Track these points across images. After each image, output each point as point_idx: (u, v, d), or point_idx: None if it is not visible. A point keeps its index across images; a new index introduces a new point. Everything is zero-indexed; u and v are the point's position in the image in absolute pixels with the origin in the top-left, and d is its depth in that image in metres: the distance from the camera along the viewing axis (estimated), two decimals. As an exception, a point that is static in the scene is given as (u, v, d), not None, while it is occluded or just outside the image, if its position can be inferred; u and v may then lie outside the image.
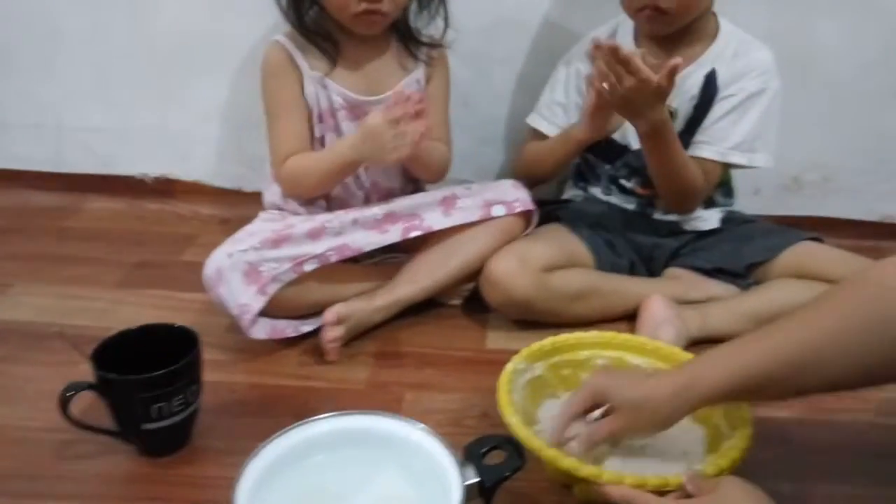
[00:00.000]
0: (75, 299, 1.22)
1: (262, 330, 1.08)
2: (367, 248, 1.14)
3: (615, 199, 1.27)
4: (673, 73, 1.00)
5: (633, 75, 1.00)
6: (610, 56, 1.00)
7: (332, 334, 1.07)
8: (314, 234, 1.12)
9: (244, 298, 1.06)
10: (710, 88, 1.18)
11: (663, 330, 1.08)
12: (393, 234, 1.15)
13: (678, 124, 1.18)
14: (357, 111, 1.19)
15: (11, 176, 1.62)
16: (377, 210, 1.16)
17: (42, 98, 1.58)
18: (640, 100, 1.03)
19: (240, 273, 1.06)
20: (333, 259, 1.11)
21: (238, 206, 1.48)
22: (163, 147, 1.60)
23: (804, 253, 1.17)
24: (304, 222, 1.14)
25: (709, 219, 1.25)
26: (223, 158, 1.59)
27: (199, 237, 1.44)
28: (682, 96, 1.18)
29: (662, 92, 1.02)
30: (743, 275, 1.20)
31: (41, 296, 1.23)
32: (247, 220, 1.21)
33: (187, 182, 1.61)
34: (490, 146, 1.52)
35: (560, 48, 1.31)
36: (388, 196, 1.23)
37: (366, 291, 1.16)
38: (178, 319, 0.93)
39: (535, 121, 1.29)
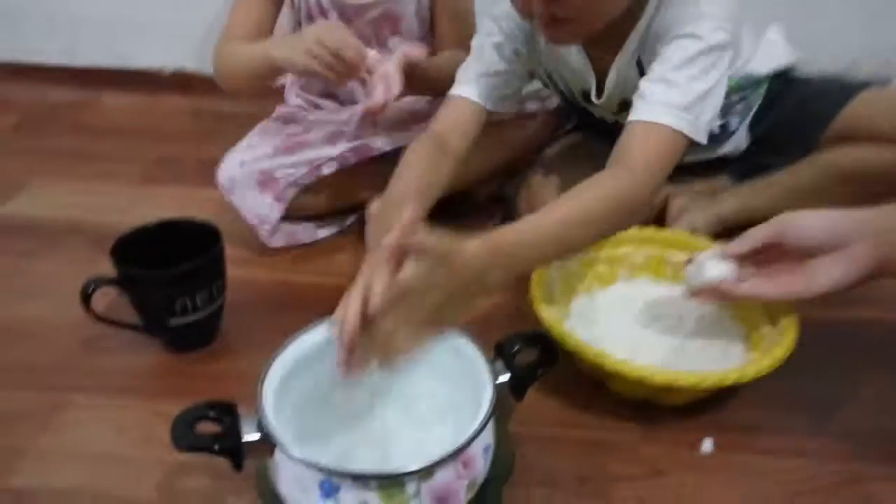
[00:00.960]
0: (95, 196, 1.20)
1: (281, 238, 1.05)
2: (389, 148, 1.07)
3: None
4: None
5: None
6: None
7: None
8: (331, 139, 1.07)
9: (261, 209, 1.02)
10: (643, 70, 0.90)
11: (686, 218, 1.03)
12: (418, 132, 1.08)
13: None
14: (345, 16, 1.10)
15: (26, 70, 1.58)
16: (401, 112, 1.09)
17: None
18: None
19: (254, 182, 1.02)
20: (352, 160, 1.06)
21: (259, 100, 1.42)
22: (179, 40, 1.54)
23: (858, 111, 0.99)
24: (319, 128, 1.09)
25: (736, 143, 1.08)
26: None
27: (219, 133, 1.39)
28: (629, 92, 0.87)
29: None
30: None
31: (60, 192, 1.21)
32: (269, 116, 1.16)
33: (205, 76, 1.54)
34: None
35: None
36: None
37: None
38: (201, 216, 0.89)
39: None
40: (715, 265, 0.74)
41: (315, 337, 0.70)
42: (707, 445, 0.74)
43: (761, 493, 0.70)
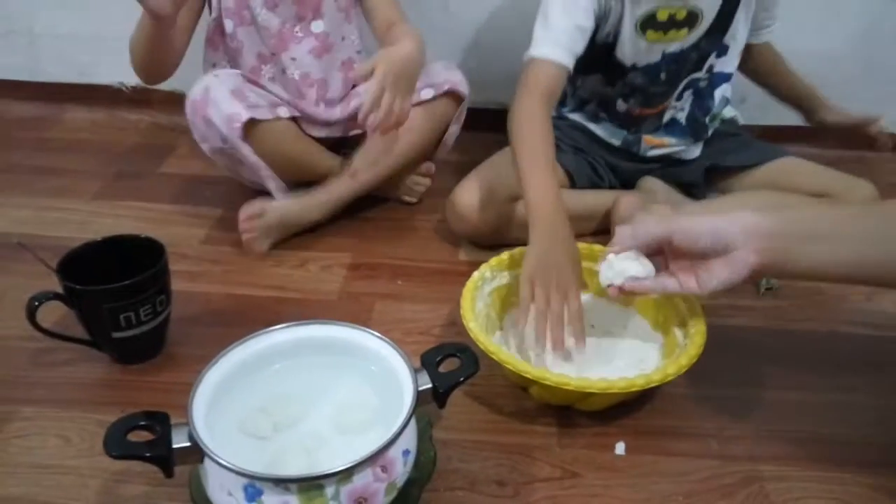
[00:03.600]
0: (53, 211, 1.22)
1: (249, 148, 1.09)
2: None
3: (601, 129, 1.21)
4: None
5: None
6: None
7: (247, 225, 1.11)
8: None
9: (232, 108, 1.06)
10: None
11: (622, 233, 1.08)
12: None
13: (702, 27, 1.08)
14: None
15: (-12, 86, 1.61)
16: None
17: (11, 4, 1.53)
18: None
19: (227, 89, 1.07)
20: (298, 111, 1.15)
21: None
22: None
23: (781, 168, 1.15)
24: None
25: (696, 149, 1.21)
26: (199, 67, 1.55)
27: (177, 148, 1.43)
28: None
29: None
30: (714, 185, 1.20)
31: (18, 207, 1.23)
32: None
33: (165, 91, 1.57)
34: (471, 54, 1.48)
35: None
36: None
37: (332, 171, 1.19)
38: (156, 231, 0.93)
39: (551, 51, 1.02)
40: (632, 264, 0.78)
41: (247, 350, 0.74)
42: (620, 448, 0.79)
43: (664, 492, 0.75)
